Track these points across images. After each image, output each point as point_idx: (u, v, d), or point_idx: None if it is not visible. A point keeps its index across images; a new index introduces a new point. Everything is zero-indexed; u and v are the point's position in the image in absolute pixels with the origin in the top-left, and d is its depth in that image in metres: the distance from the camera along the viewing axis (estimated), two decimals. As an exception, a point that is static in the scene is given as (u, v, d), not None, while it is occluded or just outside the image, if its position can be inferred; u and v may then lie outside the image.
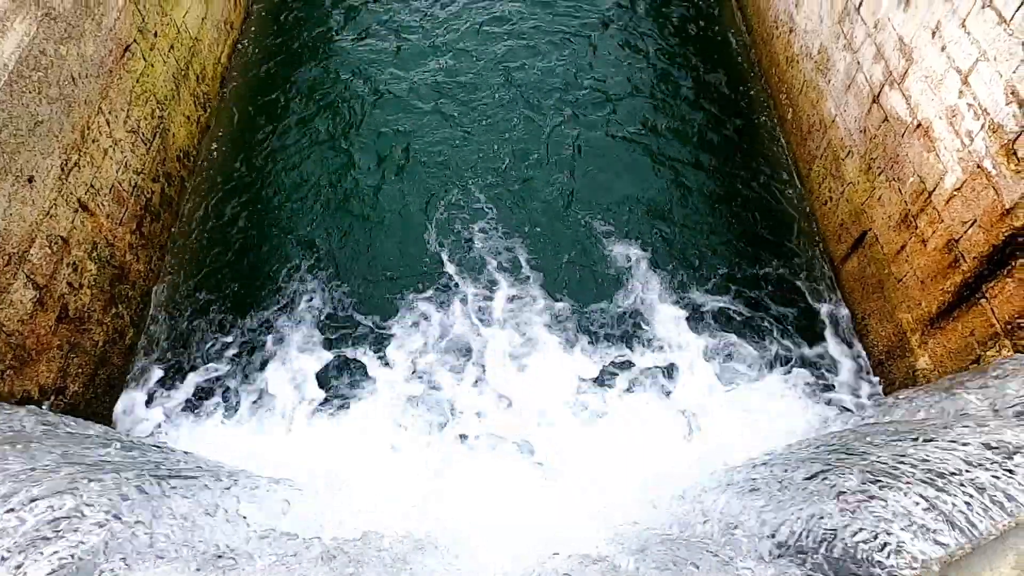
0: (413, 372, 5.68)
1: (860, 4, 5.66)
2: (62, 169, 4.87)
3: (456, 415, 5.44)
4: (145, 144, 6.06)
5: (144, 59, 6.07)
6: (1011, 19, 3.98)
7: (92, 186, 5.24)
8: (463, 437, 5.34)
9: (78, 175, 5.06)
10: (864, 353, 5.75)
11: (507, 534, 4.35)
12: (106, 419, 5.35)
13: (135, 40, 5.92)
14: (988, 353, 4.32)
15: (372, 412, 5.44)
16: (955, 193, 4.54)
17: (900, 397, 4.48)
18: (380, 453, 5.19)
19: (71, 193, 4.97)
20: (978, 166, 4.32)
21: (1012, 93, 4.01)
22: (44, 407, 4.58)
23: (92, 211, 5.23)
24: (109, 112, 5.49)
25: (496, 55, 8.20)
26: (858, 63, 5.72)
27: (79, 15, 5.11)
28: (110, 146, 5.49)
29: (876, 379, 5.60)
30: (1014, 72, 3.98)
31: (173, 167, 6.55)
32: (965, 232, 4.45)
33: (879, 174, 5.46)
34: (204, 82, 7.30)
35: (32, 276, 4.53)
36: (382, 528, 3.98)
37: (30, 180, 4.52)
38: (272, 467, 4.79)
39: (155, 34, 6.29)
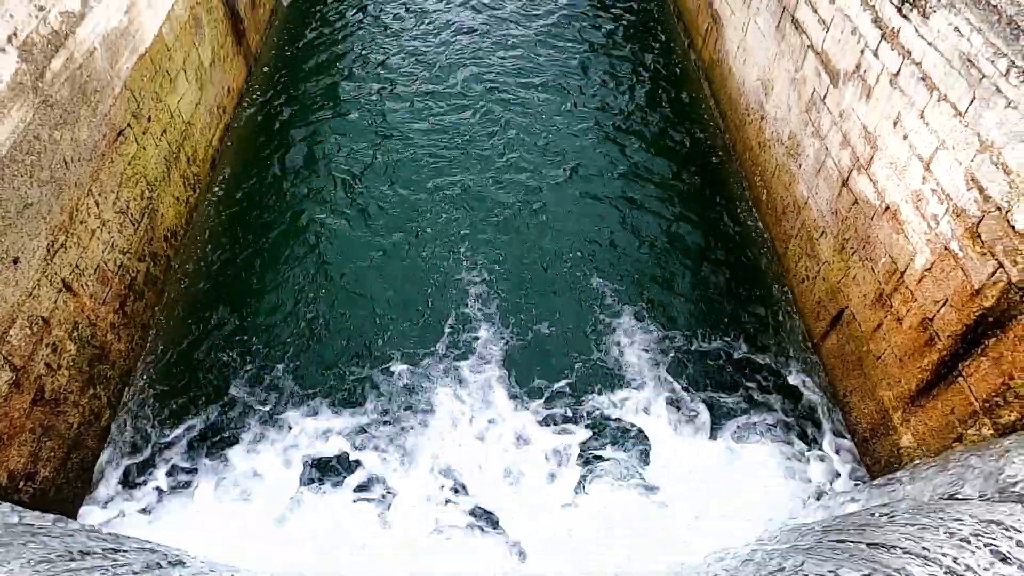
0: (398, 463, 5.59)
1: (825, 95, 5.98)
2: (48, 250, 4.89)
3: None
4: (133, 224, 6.12)
5: (137, 143, 6.21)
6: (965, 112, 4.23)
7: (77, 266, 5.25)
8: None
9: (64, 256, 5.08)
10: (847, 431, 5.75)
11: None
12: (76, 505, 5.17)
13: (129, 125, 6.08)
14: (969, 432, 4.34)
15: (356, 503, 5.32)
16: (925, 273, 4.67)
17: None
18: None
19: (55, 273, 4.98)
20: (945, 248, 4.47)
21: (972, 180, 4.21)
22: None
23: (75, 291, 5.22)
24: (99, 194, 5.57)
25: (486, 130, 8.50)
26: (826, 149, 5.99)
27: (76, 102, 5.26)
28: (98, 227, 5.54)
29: (860, 457, 5.58)
30: (972, 160, 4.19)
31: (160, 247, 6.59)
32: (938, 311, 4.56)
33: (852, 254, 5.62)
34: (195, 163, 7.45)
35: (10, 357, 4.47)
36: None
37: (15, 261, 4.53)
38: (255, 558, 4.63)
39: (149, 119, 6.46)
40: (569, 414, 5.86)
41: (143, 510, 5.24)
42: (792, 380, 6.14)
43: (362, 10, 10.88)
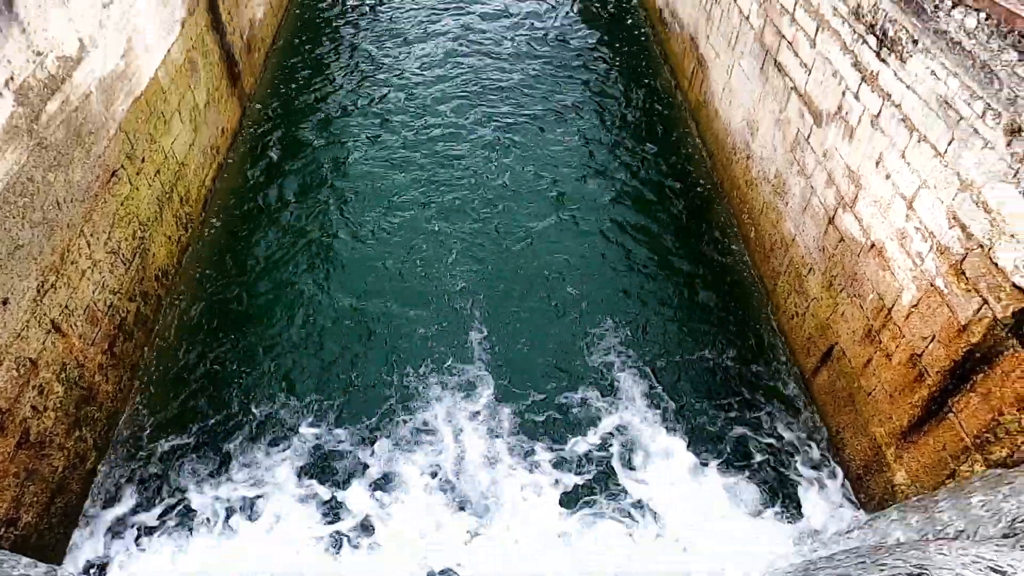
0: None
1: (809, 135, 6.11)
2: (38, 291, 4.88)
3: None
4: (124, 264, 6.12)
5: (130, 183, 6.25)
6: (945, 152, 4.33)
7: (67, 307, 5.23)
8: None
9: (54, 296, 5.07)
10: (841, 468, 5.73)
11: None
12: (59, 551, 5.05)
13: (122, 166, 6.12)
14: (962, 468, 4.34)
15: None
16: (912, 310, 4.73)
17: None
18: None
19: (44, 314, 4.95)
20: (931, 284, 4.53)
21: (954, 218, 4.29)
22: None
23: (64, 332, 5.18)
24: (91, 234, 5.58)
25: (478, 162, 8.60)
26: (812, 187, 6.10)
27: (70, 144, 5.31)
28: (89, 267, 5.54)
29: (855, 494, 5.55)
30: (953, 199, 4.28)
31: (151, 286, 6.58)
32: (926, 347, 4.60)
33: (841, 290, 5.68)
34: (188, 203, 7.49)
35: (-5, 400, 4.42)
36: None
37: (4, 303, 4.51)
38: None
39: (143, 159, 6.51)
40: (558, 450, 5.82)
41: (129, 554, 5.12)
42: (783, 416, 6.13)
43: (355, 49, 11.10)
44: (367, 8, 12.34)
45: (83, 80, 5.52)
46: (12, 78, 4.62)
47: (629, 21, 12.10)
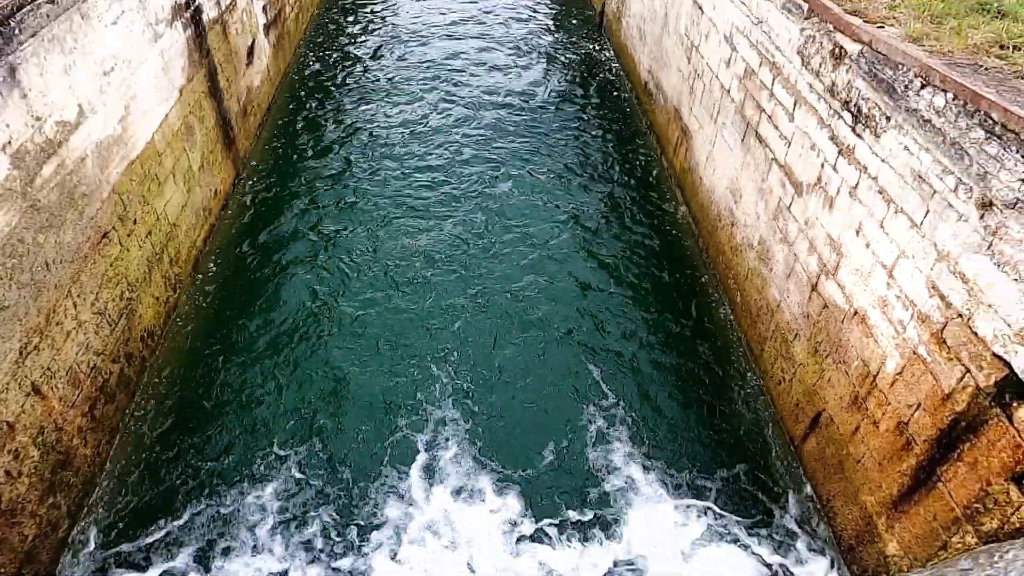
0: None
1: (791, 204, 6.28)
2: (20, 353, 4.82)
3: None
4: (110, 325, 6.08)
5: (121, 244, 6.28)
6: (921, 223, 4.46)
7: (49, 369, 5.16)
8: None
9: (36, 358, 5.01)
10: (833, 538, 5.63)
11: None
12: (22, 627, 4.82)
13: (114, 227, 6.17)
14: (953, 539, 4.29)
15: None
16: (897, 377, 4.76)
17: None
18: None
19: (26, 377, 4.89)
20: (914, 352, 4.58)
21: (933, 287, 4.38)
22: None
23: (44, 394, 5.10)
24: (78, 295, 5.57)
25: (469, 227, 8.71)
26: (795, 255, 6.22)
27: (63, 206, 5.36)
28: (74, 328, 5.50)
29: (847, 565, 5.44)
30: (931, 269, 4.38)
31: (136, 347, 6.52)
32: (912, 415, 4.61)
33: (826, 357, 5.72)
34: (177, 264, 7.51)
35: (-32, 465, 4.31)
36: None
37: (-15, 364, 4.46)
38: None
39: (135, 221, 6.57)
40: (547, 522, 5.71)
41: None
42: (774, 484, 6.06)
43: (349, 113, 11.38)
44: (362, 73, 12.73)
45: (80, 144, 5.62)
46: (10, 142, 4.71)
47: (615, 92, 12.54)
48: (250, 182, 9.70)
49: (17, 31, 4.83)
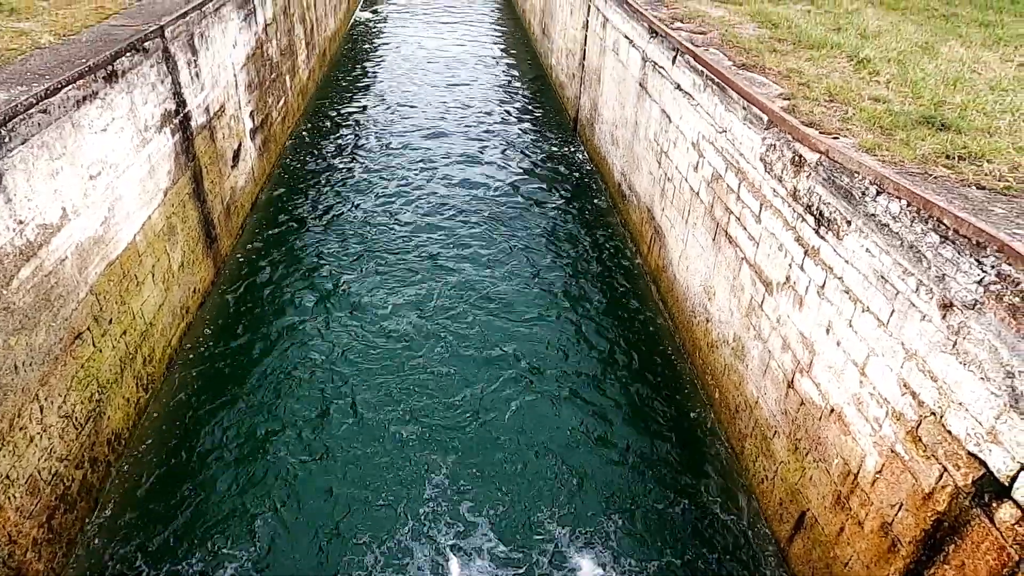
0: None
1: (762, 302, 6.44)
2: (-21, 460, 4.64)
3: None
4: (76, 428, 5.90)
5: (94, 345, 6.19)
6: (887, 322, 4.59)
7: (8, 477, 4.95)
8: None
9: (-5, 465, 4.81)
10: (827, 648, 5.41)
11: None
12: None
13: (88, 328, 6.10)
14: (948, 649, 4.14)
15: None
16: (877, 476, 4.74)
17: None
18: None
19: (-18, 486, 4.68)
20: (892, 450, 4.59)
21: (904, 385, 4.45)
22: None
23: (0, 505, 4.86)
24: (45, 399, 5.43)
25: (446, 343, 8.73)
26: (769, 351, 6.32)
27: (38, 308, 5.32)
28: (38, 433, 5.32)
29: None
30: (901, 367, 4.47)
31: (101, 452, 6.30)
32: (896, 515, 4.56)
33: (806, 454, 5.70)
34: (151, 364, 7.39)
35: (-90, 585, 4.04)
36: None
37: (-60, 474, 4.27)
38: None
39: (110, 321, 6.51)
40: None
41: None
42: (763, 590, 5.87)
43: (333, 212, 11.61)
44: (343, 173, 13.10)
45: (61, 245, 5.65)
46: (-10, 246, 4.72)
47: (590, 193, 13.01)
48: (230, 280, 9.73)
49: (8, 139, 4.96)
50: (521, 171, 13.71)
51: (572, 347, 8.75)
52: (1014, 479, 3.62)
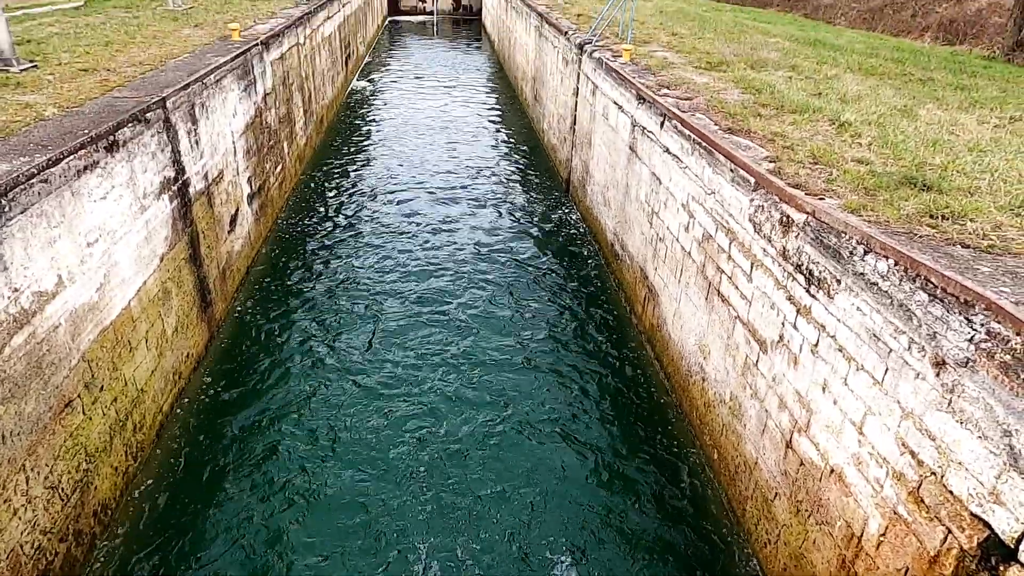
0: None
1: (757, 361, 6.43)
2: (-40, 535, 4.51)
3: None
4: (62, 500, 5.76)
5: (84, 413, 6.11)
6: (882, 381, 4.59)
7: (-11, 552, 4.80)
8: None
9: (-24, 540, 4.68)
10: None
11: None
12: None
13: (79, 395, 6.04)
14: None
15: None
16: (882, 539, 4.64)
17: None
18: None
19: (-38, 562, 4.53)
20: (894, 512, 4.51)
21: (903, 444, 4.42)
22: None
23: (-20, 582, 4.71)
24: (32, 469, 5.32)
25: (442, 398, 8.65)
26: (767, 411, 6.27)
27: (28, 376, 5.27)
28: (23, 505, 5.19)
29: None
30: (899, 426, 4.44)
31: (87, 524, 6.13)
32: (902, 580, 4.45)
33: (808, 517, 5.59)
34: (141, 431, 7.28)
35: None
36: None
37: (-81, 551, 4.14)
38: None
39: (101, 388, 6.44)
40: None
41: None
42: (770, 661, 5.65)
43: (330, 276, 11.66)
44: (340, 234, 13.24)
45: (55, 312, 5.65)
46: (-16, 315, 4.72)
47: (584, 253, 13.15)
48: (224, 344, 9.68)
49: (8, 208, 5.03)
50: (515, 232, 13.89)
51: (567, 409, 8.66)
52: (1019, 540, 3.55)
